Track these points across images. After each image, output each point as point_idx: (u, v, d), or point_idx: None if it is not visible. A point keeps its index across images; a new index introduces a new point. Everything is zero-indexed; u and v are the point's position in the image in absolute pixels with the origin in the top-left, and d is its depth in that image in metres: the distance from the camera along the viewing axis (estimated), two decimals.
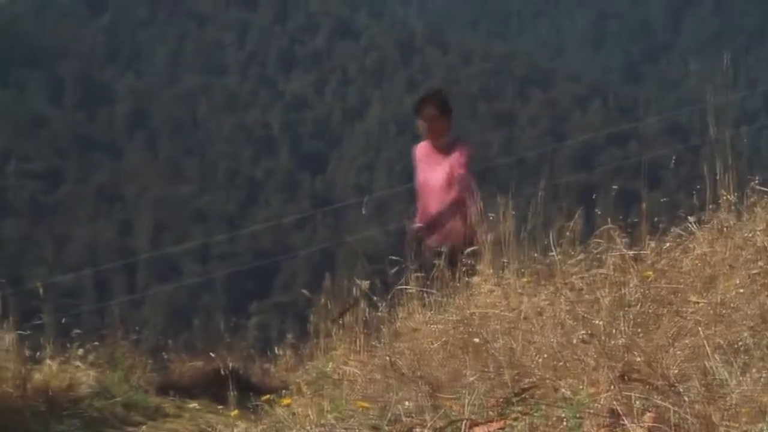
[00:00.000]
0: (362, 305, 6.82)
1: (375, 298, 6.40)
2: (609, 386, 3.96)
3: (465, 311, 5.29)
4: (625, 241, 5.42)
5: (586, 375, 4.12)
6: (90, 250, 72.27)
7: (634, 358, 4.04)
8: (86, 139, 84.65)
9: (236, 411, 6.60)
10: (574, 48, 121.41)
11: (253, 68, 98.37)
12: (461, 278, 6.02)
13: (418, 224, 8.07)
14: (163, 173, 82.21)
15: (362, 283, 6.77)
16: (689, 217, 5.84)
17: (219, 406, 7.96)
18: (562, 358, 4.28)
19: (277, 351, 9.67)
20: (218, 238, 69.51)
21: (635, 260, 5.15)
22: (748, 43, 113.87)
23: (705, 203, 5.97)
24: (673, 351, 4.12)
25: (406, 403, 4.47)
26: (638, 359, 4.02)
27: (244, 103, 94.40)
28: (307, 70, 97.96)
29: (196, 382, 8.67)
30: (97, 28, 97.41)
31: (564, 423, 3.98)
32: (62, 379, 7.79)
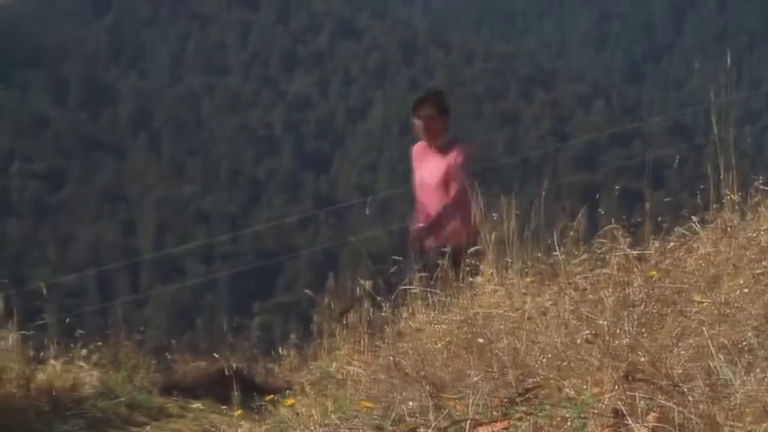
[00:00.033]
0: (366, 305, 6.81)
1: (379, 298, 6.39)
2: (613, 386, 3.96)
3: (468, 311, 5.28)
4: (629, 240, 5.42)
5: (590, 375, 4.12)
6: (93, 250, 72.32)
7: (638, 358, 4.03)
8: (89, 139, 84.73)
9: (240, 411, 6.61)
10: (577, 48, 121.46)
11: (256, 68, 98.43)
12: (464, 278, 6.02)
13: (420, 224, 8.05)
14: (166, 173, 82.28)
15: (365, 283, 6.76)
16: (693, 216, 5.83)
17: (223, 407, 7.96)
18: (566, 358, 4.27)
19: (280, 351, 9.66)
20: (221, 238, 69.55)
21: (639, 260, 5.14)
22: (751, 42, 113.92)
23: (709, 203, 5.97)
24: (677, 351, 4.12)
25: (410, 403, 4.47)
26: (642, 359, 4.02)
27: (246, 103, 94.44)
28: (309, 71, 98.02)
29: (200, 383, 8.67)
30: (100, 28, 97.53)
31: (568, 423, 3.98)
32: (66, 379, 7.79)
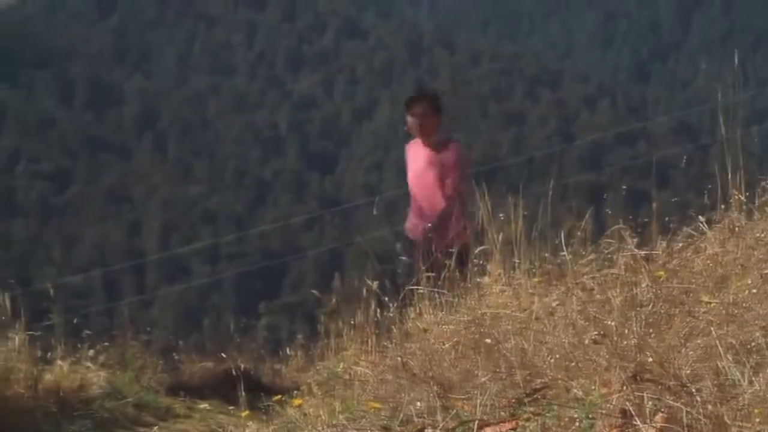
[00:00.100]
0: (372, 305, 6.80)
1: (386, 299, 6.39)
2: (621, 386, 3.96)
3: (476, 311, 5.28)
4: (636, 241, 5.41)
5: (598, 375, 4.11)
6: (99, 251, 72.37)
7: (646, 358, 4.03)
8: (95, 139, 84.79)
9: (247, 411, 6.60)
10: (583, 48, 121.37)
11: (262, 68, 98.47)
12: (471, 278, 6.01)
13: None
14: (171, 174, 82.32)
15: (372, 284, 6.76)
16: (700, 216, 5.82)
17: (230, 407, 7.96)
18: (573, 359, 4.27)
19: (287, 351, 9.66)
20: (227, 238, 69.57)
21: (647, 260, 5.14)
22: (757, 42, 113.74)
23: (716, 203, 5.96)
24: (685, 351, 4.11)
25: (418, 404, 4.47)
26: (650, 359, 4.01)
27: (252, 103, 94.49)
28: (315, 70, 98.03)
29: (207, 383, 8.67)
30: (106, 29, 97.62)
31: (576, 423, 3.98)
32: (73, 379, 7.80)
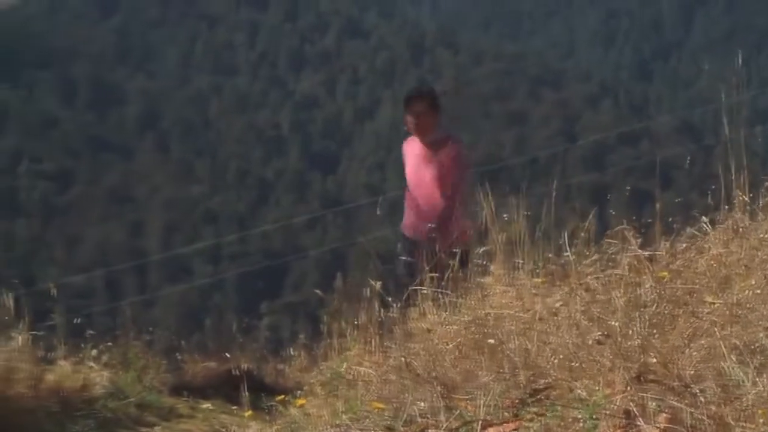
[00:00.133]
0: (375, 306, 6.80)
1: (389, 299, 6.39)
2: (624, 387, 3.96)
3: (479, 312, 5.28)
4: (639, 241, 5.41)
5: (601, 376, 4.11)
6: (101, 251, 72.38)
7: (649, 359, 4.03)
8: (97, 140, 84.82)
9: (250, 411, 6.60)
10: (585, 47, 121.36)
11: (264, 68, 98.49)
12: (474, 279, 6.01)
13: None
14: (173, 174, 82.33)
15: (375, 284, 6.76)
16: (703, 217, 5.82)
17: (233, 407, 7.96)
18: (577, 359, 4.27)
19: (290, 351, 9.65)
20: (229, 238, 69.59)
21: (650, 261, 5.13)
22: (760, 41, 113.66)
23: (719, 203, 5.95)
24: (688, 352, 4.11)
25: (421, 404, 4.47)
26: (654, 360, 4.01)
27: (254, 103, 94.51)
28: (317, 70, 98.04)
29: (210, 383, 8.66)
30: (108, 29, 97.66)
31: (579, 424, 3.98)
32: (76, 379, 7.79)
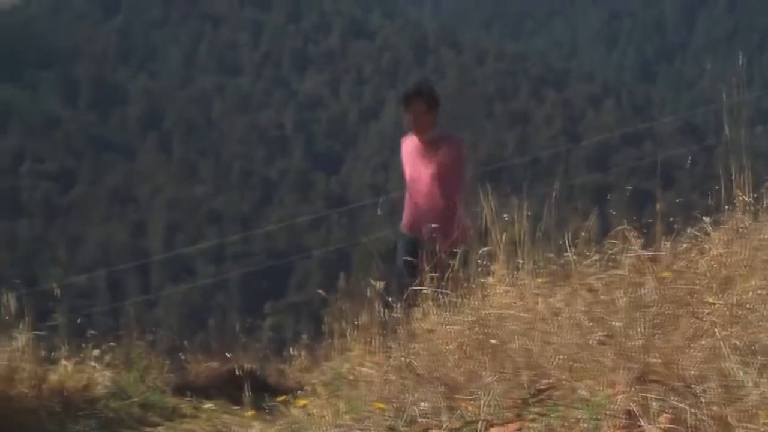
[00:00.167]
0: (377, 306, 6.80)
1: (390, 299, 6.39)
2: (626, 387, 3.96)
3: (481, 312, 5.28)
4: (641, 241, 5.40)
5: (603, 376, 4.11)
6: (104, 251, 72.43)
7: (651, 359, 4.03)
8: (100, 139, 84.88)
9: (252, 412, 6.60)
10: (588, 47, 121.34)
11: (267, 68, 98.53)
12: (475, 279, 6.00)
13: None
14: (176, 174, 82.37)
15: (377, 284, 6.75)
16: (705, 217, 5.81)
17: (235, 407, 7.95)
18: (579, 359, 4.27)
19: (292, 351, 9.65)
20: (232, 238, 69.61)
21: (651, 261, 5.13)
22: (762, 42, 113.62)
23: (720, 204, 5.95)
24: (690, 352, 4.11)
25: (423, 404, 4.47)
26: (655, 360, 4.01)
27: (258, 103, 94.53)
28: (320, 70, 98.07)
29: (213, 383, 8.64)
30: (110, 29, 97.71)
31: (581, 424, 3.98)
32: (78, 379, 7.78)
